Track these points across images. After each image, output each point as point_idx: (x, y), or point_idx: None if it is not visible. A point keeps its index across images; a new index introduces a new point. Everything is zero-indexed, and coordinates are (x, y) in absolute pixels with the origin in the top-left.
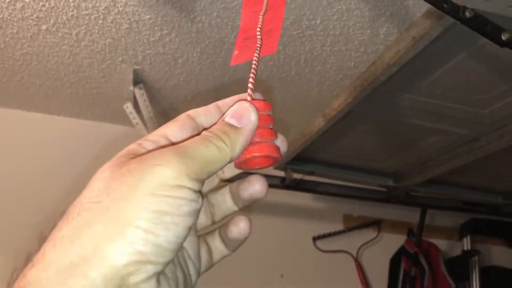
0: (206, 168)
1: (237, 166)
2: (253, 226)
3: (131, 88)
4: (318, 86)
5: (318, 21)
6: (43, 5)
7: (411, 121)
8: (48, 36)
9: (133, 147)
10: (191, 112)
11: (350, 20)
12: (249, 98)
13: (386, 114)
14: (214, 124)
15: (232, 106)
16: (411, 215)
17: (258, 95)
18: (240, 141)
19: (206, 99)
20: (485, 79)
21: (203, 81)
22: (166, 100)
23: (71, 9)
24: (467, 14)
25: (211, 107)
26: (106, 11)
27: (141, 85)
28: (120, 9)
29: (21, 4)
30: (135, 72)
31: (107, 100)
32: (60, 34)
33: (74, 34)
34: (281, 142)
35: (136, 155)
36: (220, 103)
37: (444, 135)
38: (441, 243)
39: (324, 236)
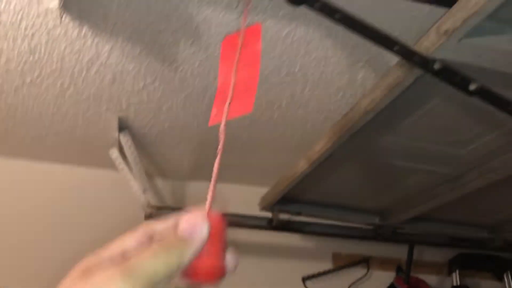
0: (152, 281)
1: (181, 277)
2: (242, 268)
3: (116, 134)
4: (301, 128)
5: (297, 69)
6: (27, 58)
7: (393, 161)
8: (32, 88)
9: (90, 260)
10: (149, 223)
11: (328, 67)
12: (207, 209)
13: (367, 156)
14: (169, 233)
15: (188, 216)
16: (400, 251)
17: (216, 209)
18: (187, 254)
19: (191, 144)
20: (461, 121)
21: (187, 127)
22: (151, 146)
23: (55, 62)
24: (436, 66)
25: (170, 218)
26: (90, 63)
27: (126, 131)
28: (104, 60)
29: (5, 58)
30: (120, 119)
31: (93, 146)
32: (44, 86)
33: (58, 85)
34: (230, 259)
35: (89, 271)
36: (178, 216)
37: (426, 174)
38: (431, 279)
39: (313, 276)
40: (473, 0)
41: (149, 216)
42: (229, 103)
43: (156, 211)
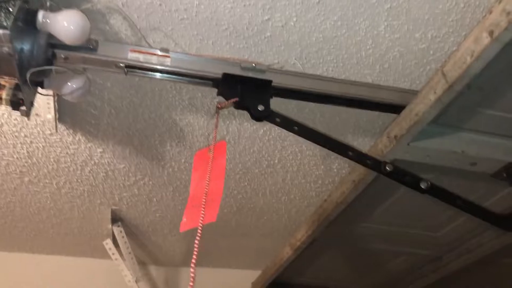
0: None
1: None
2: None
3: (110, 226)
4: (286, 213)
5: (276, 161)
6: (25, 161)
7: (373, 245)
8: (30, 186)
9: None
10: None
11: (304, 159)
12: None
13: (348, 241)
14: None
15: None
16: None
17: None
18: None
19: (182, 232)
20: (429, 207)
21: (178, 215)
22: (144, 235)
23: (51, 163)
24: (388, 168)
25: None
26: (84, 163)
27: (119, 223)
28: (97, 161)
29: (6, 162)
30: (113, 212)
31: (87, 238)
32: (41, 184)
33: (54, 183)
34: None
35: None
36: None
37: (407, 256)
38: None
39: None
40: (414, 110)
41: None
42: (202, 213)
43: None
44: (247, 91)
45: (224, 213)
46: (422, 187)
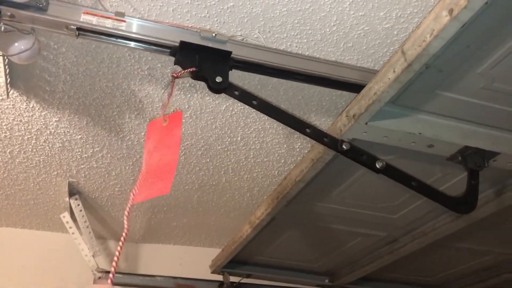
0: None
1: None
2: None
3: (67, 199)
4: (249, 191)
5: (239, 138)
6: None
7: (332, 225)
8: None
9: None
10: None
11: (267, 137)
12: None
13: (307, 220)
14: None
15: None
16: None
17: None
18: None
19: (142, 208)
20: (387, 189)
21: None
22: (102, 209)
23: (4, 131)
24: (344, 147)
25: None
26: (39, 132)
27: (77, 196)
28: (52, 130)
29: None
30: (70, 184)
31: (44, 210)
32: None
33: (8, 152)
34: None
35: None
36: None
37: (364, 238)
38: None
39: None
40: (373, 89)
41: (98, 280)
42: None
43: (106, 275)
44: (205, 61)
45: (186, 189)
46: (377, 166)
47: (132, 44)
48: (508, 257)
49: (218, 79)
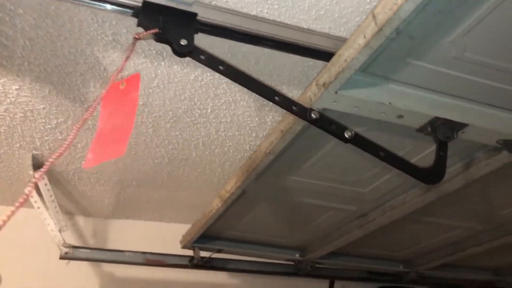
0: None
1: None
2: None
3: (31, 172)
4: (220, 166)
5: (209, 110)
6: None
7: (302, 199)
8: None
9: None
10: None
11: (238, 110)
12: None
13: (278, 194)
14: None
15: None
16: (323, 287)
17: None
18: None
19: (110, 183)
20: (358, 163)
21: (105, 164)
22: (69, 184)
23: None
24: (313, 115)
25: None
26: None
27: (42, 169)
28: (13, 99)
29: None
30: (34, 157)
31: (7, 184)
32: None
33: None
34: None
35: None
36: None
37: (335, 212)
38: None
39: None
40: (344, 56)
41: (64, 255)
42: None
43: (74, 250)
44: (169, 23)
45: (155, 163)
46: (346, 136)
47: (93, 2)
48: (474, 231)
49: (183, 41)
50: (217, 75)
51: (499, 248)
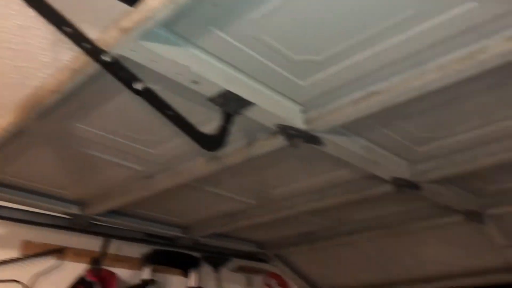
0: None
1: None
2: None
3: None
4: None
5: None
6: None
7: (89, 151)
8: None
9: None
10: None
11: (31, 39)
12: None
13: (62, 141)
14: None
15: None
16: (97, 244)
17: None
18: None
19: None
20: (150, 122)
21: None
22: None
23: None
24: (106, 58)
25: None
26: None
27: None
28: None
29: None
30: None
31: None
32: None
33: None
34: None
35: None
36: None
37: (121, 169)
38: (125, 273)
39: None
40: (149, 5)
41: None
42: None
43: None
44: None
45: None
46: (137, 87)
47: None
48: (248, 205)
49: None
50: None
51: (265, 224)
